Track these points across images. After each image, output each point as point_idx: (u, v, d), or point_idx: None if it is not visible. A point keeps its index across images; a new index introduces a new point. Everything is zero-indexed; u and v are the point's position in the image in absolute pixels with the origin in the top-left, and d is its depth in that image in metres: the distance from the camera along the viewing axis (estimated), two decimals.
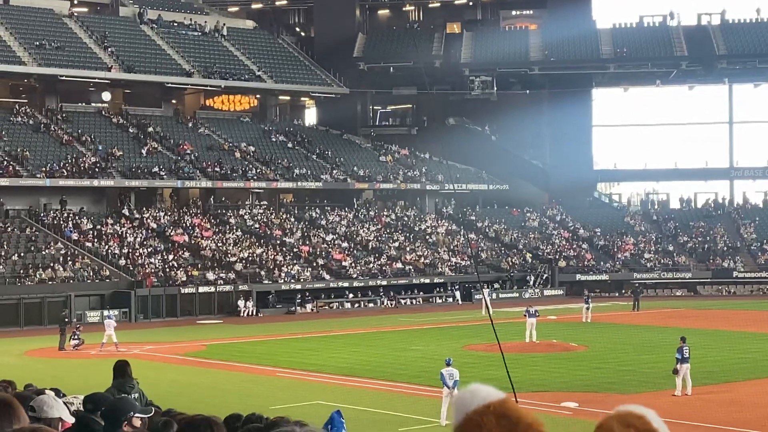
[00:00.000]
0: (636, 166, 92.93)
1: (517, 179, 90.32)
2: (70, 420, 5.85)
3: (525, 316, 45.98)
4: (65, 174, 70.30)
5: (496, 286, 74.82)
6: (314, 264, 71.33)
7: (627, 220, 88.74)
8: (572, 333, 48.63)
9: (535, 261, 79.86)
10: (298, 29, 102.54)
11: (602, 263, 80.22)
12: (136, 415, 5.91)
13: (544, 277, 77.45)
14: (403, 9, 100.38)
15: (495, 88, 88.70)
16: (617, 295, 74.66)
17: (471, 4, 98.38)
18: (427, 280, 73.47)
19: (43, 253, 63.55)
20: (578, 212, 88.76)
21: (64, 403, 7.73)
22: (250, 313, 64.25)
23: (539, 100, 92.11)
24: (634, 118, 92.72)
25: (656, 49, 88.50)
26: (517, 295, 73.74)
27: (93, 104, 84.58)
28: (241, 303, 64.53)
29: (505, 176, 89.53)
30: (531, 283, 76.45)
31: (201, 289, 64.04)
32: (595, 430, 2.08)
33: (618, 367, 36.49)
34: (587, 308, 55.25)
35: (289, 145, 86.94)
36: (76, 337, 45.51)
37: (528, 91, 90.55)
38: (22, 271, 61.05)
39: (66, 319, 47.47)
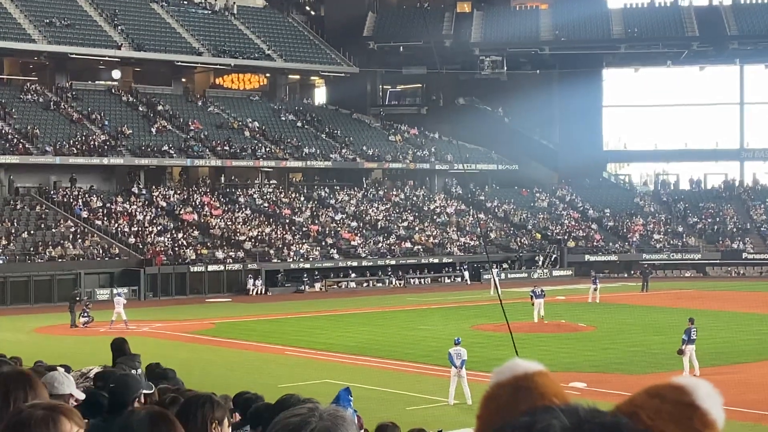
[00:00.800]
0: (646, 147, 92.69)
1: (526, 159, 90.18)
2: (81, 396, 5.88)
3: (531, 297, 45.96)
4: (75, 152, 70.40)
5: (505, 266, 74.80)
6: (323, 243, 71.41)
7: (637, 200, 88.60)
8: (581, 313, 48.65)
9: (544, 241, 79.83)
10: (308, 8, 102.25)
11: (611, 244, 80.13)
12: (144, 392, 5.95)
13: (552, 258, 77.43)
14: None
15: (505, 68, 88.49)
16: (626, 276, 74.61)
17: None
18: (436, 260, 73.50)
19: (53, 231, 63.71)
20: (588, 193, 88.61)
21: (82, 374, 7.77)
22: (259, 292, 64.38)
23: (549, 81, 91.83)
24: (644, 98, 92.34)
25: (667, 29, 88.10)
26: (526, 275, 73.71)
27: (103, 82, 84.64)
28: (250, 281, 64.66)
29: (514, 156, 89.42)
30: (540, 263, 76.42)
31: (210, 268, 64.17)
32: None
33: (627, 348, 36.52)
34: (594, 289, 55.26)
35: (299, 124, 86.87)
36: (85, 314, 45.68)
37: (538, 71, 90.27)
38: (32, 249, 61.24)
39: (77, 298, 47.58)
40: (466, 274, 72.24)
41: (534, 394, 1.84)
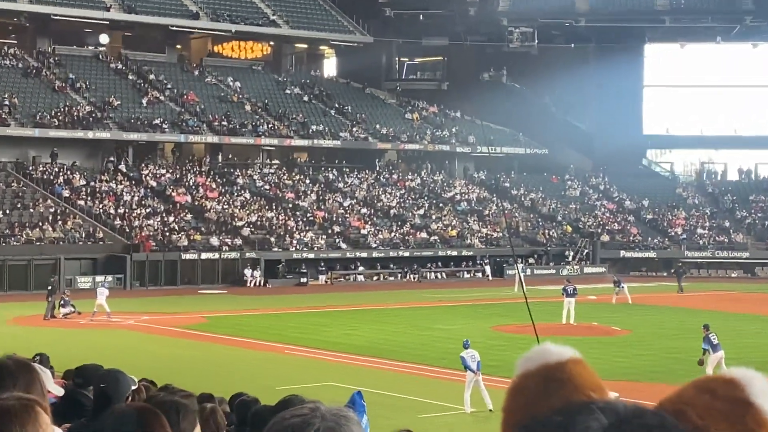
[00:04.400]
0: (691, 132, 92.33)
1: (557, 143, 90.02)
2: (59, 392, 5.89)
3: (562, 295, 45.98)
4: (57, 124, 70.54)
5: (531, 261, 74.78)
6: (329, 231, 71.48)
7: (679, 191, 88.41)
8: (614, 315, 48.60)
9: (575, 234, 79.75)
10: None
11: (650, 239, 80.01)
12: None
13: (584, 253, 77.35)
14: None
15: (536, 41, 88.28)
16: (665, 274, 74.49)
17: None
18: (455, 253, 73.52)
19: (31, 211, 63.91)
20: (625, 182, 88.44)
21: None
22: (257, 284, 64.50)
23: (585, 56, 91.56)
24: (690, 78, 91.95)
25: (718, 1, 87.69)
26: (554, 271, 73.62)
27: (89, 47, 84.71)
28: (247, 272, 64.78)
29: (544, 139, 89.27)
30: (570, 258, 76.37)
31: (204, 256, 64.31)
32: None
33: (663, 354, 36.48)
34: (617, 292, 54.76)
35: (305, 98, 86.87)
36: (66, 303, 45.71)
37: (573, 46, 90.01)
38: (7, 231, 61.45)
39: (50, 287, 47.24)
40: (488, 268, 72.23)
41: (568, 387, 1.79)
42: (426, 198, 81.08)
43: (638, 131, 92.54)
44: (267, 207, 72.40)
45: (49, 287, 47.01)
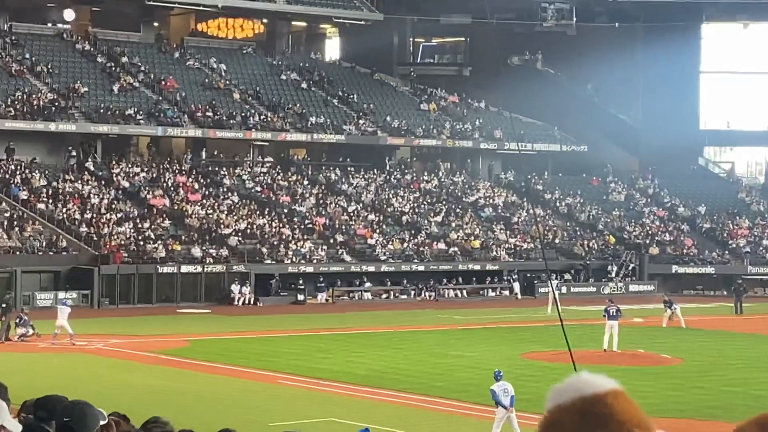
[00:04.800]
0: (756, 127, 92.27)
1: (599, 139, 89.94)
2: (16, 429, 5.92)
3: (604, 317, 45.94)
4: (13, 114, 70.69)
5: (568, 276, 74.68)
6: (331, 241, 71.51)
7: (741, 196, 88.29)
8: (664, 341, 48.54)
9: (618, 246, 79.64)
10: None
11: (707, 252, 79.89)
12: None
13: (629, 268, 77.26)
14: None
15: (574, 19, 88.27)
16: (725, 294, 74.36)
17: None
18: (478, 267, 73.44)
19: None
20: (678, 184, 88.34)
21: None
22: (246, 302, 64.52)
23: (632, 37, 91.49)
24: (755, 63, 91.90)
25: None
26: (594, 289, 73.51)
27: (51, 25, 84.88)
28: (235, 288, 64.80)
29: (583, 135, 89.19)
30: (613, 274, 76.26)
31: (184, 269, 64.36)
32: None
33: (721, 387, 36.41)
34: (670, 315, 54.71)
35: (304, 85, 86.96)
36: (24, 323, 45.71)
37: (617, 25, 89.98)
38: None
39: (4, 305, 47.20)
40: (517, 286, 72.15)
41: (608, 423, 1.81)
42: (444, 202, 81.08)
43: (694, 125, 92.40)
44: (258, 212, 72.46)
45: (3, 305, 47.00)
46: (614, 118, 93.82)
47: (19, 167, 69.82)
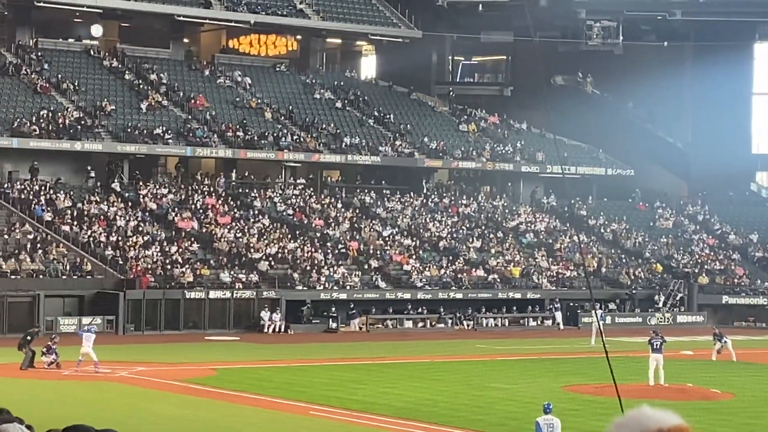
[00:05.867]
0: None
1: (646, 163, 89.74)
2: None
3: (649, 349, 45.75)
4: (38, 133, 71.10)
5: (612, 306, 74.41)
6: (365, 267, 71.53)
7: None
8: (713, 375, 48.28)
9: (666, 275, 79.34)
10: None
11: (759, 282, 79.49)
12: None
13: (677, 298, 76.95)
14: None
15: (621, 38, 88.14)
16: None
17: None
18: (518, 295, 73.30)
19: (6, 237, 64.39)
20: (729, 211, 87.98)
21: None
22: (276, 329, 64.58)
23: (681, 57, 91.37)
24: None
25: None
26: (640, 319, 73.27)
27: (79, 41, 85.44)
28: (265, 315, 64.87)
29: (630, 158, 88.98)
30: (660, 304, 76.00)
31: (212, 294, 64.48)
32: None
33: None
34: (719, 349, 54.39)
35: (338, 104, 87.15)
36: (50, 351, 45.81)
37: (666, 44, 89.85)
38: None
39: (29, 337, 46.84)
40: (559, 315, 71.96)
41: None
42: (484, 228, 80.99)
43: (745, 149, 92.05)
44: (290, 236, 72.57)
45: (28, 337, 46.82)
46: (662, 141, 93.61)
47: (43, 188, 70.18)
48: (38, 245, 63.99)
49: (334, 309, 67.10)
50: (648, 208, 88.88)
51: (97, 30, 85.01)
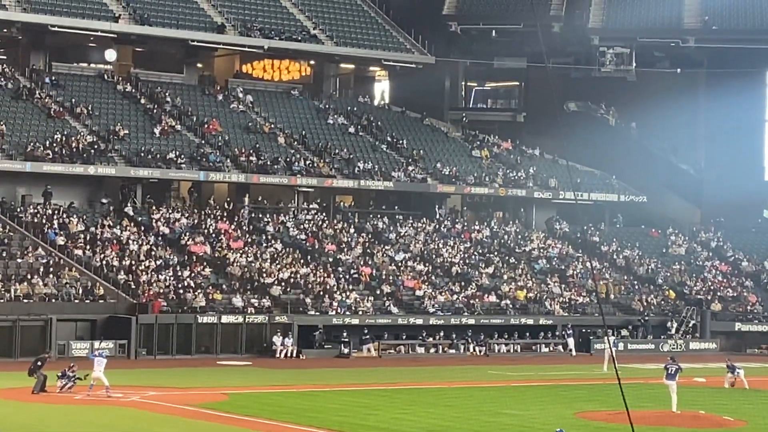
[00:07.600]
0: None
1: (659, 189, 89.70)
2: None
3: (664, 374, 45.64)
4: (51, 157, 71.25)
5: (625, 333, 74.34)
6: (378, 292, 71.49)
7: None
8: (725, 402, 48.13)
9: (679, 302, 79.21)
10: None
11: None
12: None
13: (690, 324, 76.81)
14: None
15: (634, 65, 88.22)
16: None
17: None
18: (531, 321, 73.23)
19: (18, 261, 64.46)
20: (742, 238, 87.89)
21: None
22: (288, 354, 64.54)
23: (694, 84, 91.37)
24: None
25: None
26: (653, 346, 73.24)
27: (93, 65, 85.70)
28: (277, 340, 64.85)
29: (643, 184, 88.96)
30: (672, 331, 75.88)
31: (225, 319, 64.47)
32: None
33: None
34: (732, 382, 54.32)
35: (351, 129, 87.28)
36: (68, 377, 45.56)
37: (679, 71, 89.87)
38: None
39: (39, 362, 46.65)
40: (571, 341, 71.88)
41: None
42: (496, 253, 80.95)
43: (759, 176, 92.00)
44: (302, 261, 72.58)
45: (39, 362, 46.70)
46: (675, 168, 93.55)
47: (56, 212, 70.26)
48: (51, 269, 64.02)
49: (346, 334, 67.08)
50: (661, 234, 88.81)
51: (111, 54, 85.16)
